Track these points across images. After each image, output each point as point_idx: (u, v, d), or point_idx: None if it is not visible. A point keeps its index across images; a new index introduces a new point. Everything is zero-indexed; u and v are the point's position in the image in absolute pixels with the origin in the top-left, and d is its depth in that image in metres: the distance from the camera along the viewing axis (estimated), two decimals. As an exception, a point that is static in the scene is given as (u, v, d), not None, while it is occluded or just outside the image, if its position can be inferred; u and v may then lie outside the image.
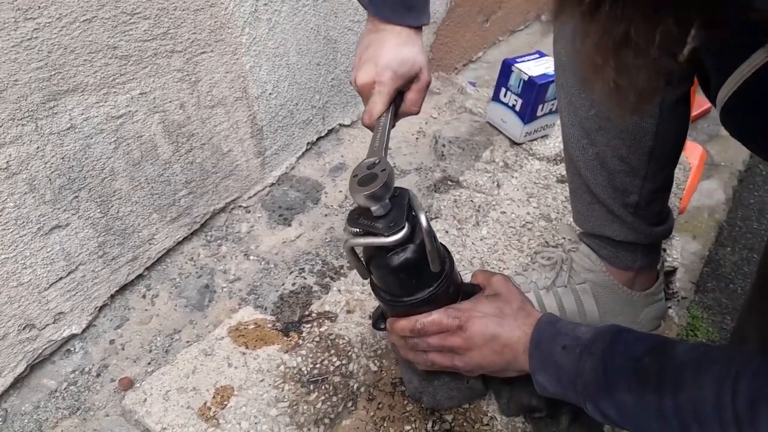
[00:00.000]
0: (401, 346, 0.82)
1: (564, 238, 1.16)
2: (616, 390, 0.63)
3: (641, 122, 0.82)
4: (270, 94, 1.25)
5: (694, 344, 0.62)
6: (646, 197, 0.90)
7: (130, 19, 0.91)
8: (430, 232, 0.70)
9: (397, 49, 0.80)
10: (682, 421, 0.58)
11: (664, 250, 1.29)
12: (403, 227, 0.69)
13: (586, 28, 0.43)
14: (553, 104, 1.36)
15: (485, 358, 0.75)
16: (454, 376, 0.87)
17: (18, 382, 0.98)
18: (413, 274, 0.73)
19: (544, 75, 1.30)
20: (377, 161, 0.72)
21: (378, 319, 0.86)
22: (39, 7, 0.79)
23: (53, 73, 0.85)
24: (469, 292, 0.81)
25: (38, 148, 0.87)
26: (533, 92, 1.30)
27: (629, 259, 0.96)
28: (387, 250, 0.71)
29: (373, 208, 0.69)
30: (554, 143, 1.42)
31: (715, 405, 0.55)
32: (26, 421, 0.94)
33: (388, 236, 0.69)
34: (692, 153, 2.05)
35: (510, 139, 1.43)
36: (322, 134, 1.47)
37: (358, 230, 0.71)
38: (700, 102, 2.30)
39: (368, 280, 0.79)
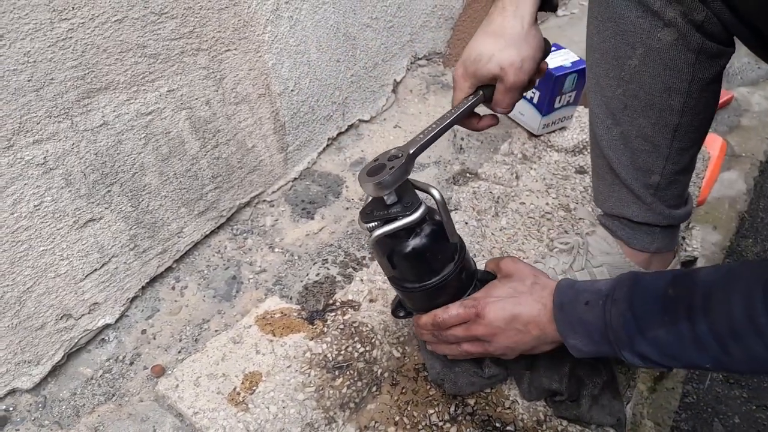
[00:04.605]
0: (434, 342, 0.85)
1: (582, 221, 1.17)
2: (648, 328, 0.63)
3: (669, 99, 0.82)
4: (292, 90, 1.28)
5: (716, 266, 0.62)
6: (668, 178, 0.90)
7: (158, 18, 0.95)
8: (444, 203, 0.73)
9: (480, 40, 0.80)
10: (720, 341, 0.57)
11: (683, 238, 1.30)
12: (421, 204, 0.72)
13: None
14: (570, 96, 1.37)
15: (511, 339, 0.77)
16: (474, 363, 0.90)
17: (56, 370, 1.02)
18: (431, 256, 0.76)
19: (561, 67, 1.32)
20: (399, 154, 0.73)
21: (397, 307, 0.89)
22: (73, 8, 0.83)
23: (87, 71, 0.88)
24: (484, 279, 0.83)
25: (73, 144, 0.91)
26: (551, 84, 1.32)
27: (646, 240, 0.97)
28: (407, 234, 0.74)
29: (384, 196, 0.72)
30: (573, 135, 1.44)
31: (748, 315, 0.55)
32: (64, 407, 0.98)
33: (409, 215, 0.71)
34: (712, 144, 2.04)
35: (528, 132, 1.45)
36: (342, 130, 1.50)
37: (376, 223, 0.73)
38: (721, 93, 2.30)
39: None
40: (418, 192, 0.75)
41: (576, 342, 0.71)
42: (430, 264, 0.77)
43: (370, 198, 0.76)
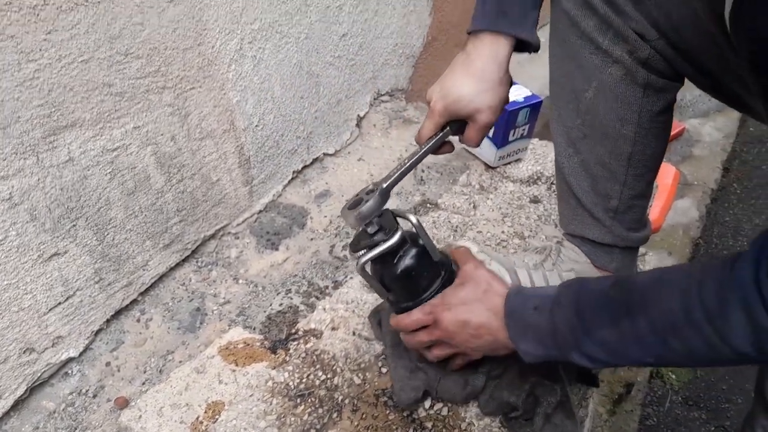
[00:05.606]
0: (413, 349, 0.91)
1: (547, 237, 1.22)
2: (593, 329, 0.67)
3: (622, 129, 0.90)
4: (256, 126, 1.32)
5: (653, 269, 0.67)
6: (626, 203, 0.97)
7: (124, 58, 0.99)
8: (420, 226, 0.81)
9: (462, 81, 0.83)
10: (659, 336, 0.62)
11: (640, 265, 1.35)
12: (398, 229, 0.79)
13: None
14: (524, 129, 1.44)
15: (469, 343, 0.82)
16: (459, 373, 0.94)
17: (18, 405, 1.02)
18: (417, 274, 0.83)
19: (514, 102, 1.38)
20: (375, 188, 0.80)
21: None
22: (40, 49, 0.86)
23: (53, 109, 0.91)
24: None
25: (39, 180, 0.93)
26: (505, 118, 1.38)
27: (606, 258, 1.03)
28: (393, 257, 0.81)
29: (365, 227, 0.79)
30: (527, 166, 1.50)
31: (684, 311, 0.59)
32: (26, 441, 0.98)
33: (388, 240, 0.78)
34: (666, 173, 2.13)
35: (485, 164, 1.51)
36: (307, 163, 1.54)
37: (362, 251, 0.81)
38: (674, 124, 2.40)
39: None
40: (400, 219, 0.83)
41: (527, 347, 0.75)
42: (418, 282, 0.84)
43: (359, 230, 0.83)
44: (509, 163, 1.51)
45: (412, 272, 0.82)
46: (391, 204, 1.44)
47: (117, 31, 0.96)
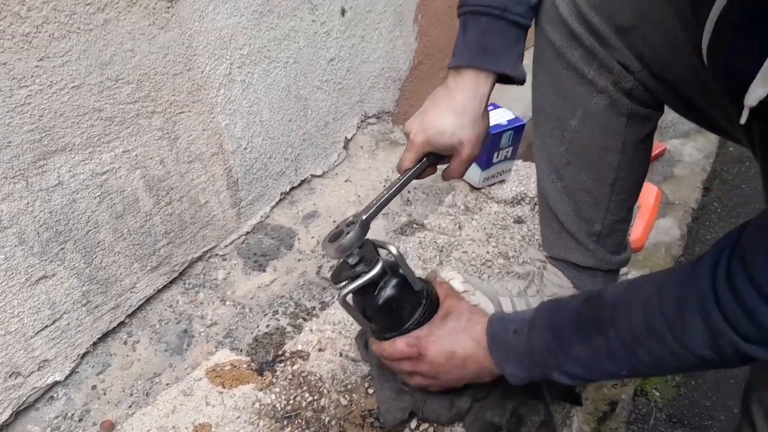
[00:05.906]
0: (395, 372, 0.91)
1: (535, 260, 1.24)
2: (569, 348, 0.69)
3: (606, 156, 0.92)
4: (245, 148, 1.34)
5: (620, 282, 0.69)
6: (608, 227, 0.99)
7: (114, 84, 1.00)
8: (401, 256, 0.82)
9: (444, 115, 0.85)
10: (628, 348, 0.64)
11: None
12: (378, 260, 0.80)
13: None
14: (507, 151, 1.47)
15: (453, 374, 0.83)
16: (445, 394, 0.94)
17: (3, 429, 1.01)
18: (398, 305, 0.84)
19: (498, 125, 1.41)
20: (355, 220, 0.81)
21: None
22: (32, 75, 0.88)
23: (43, 134, 0.92)
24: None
25: (28, 203, 0.94)
26: (489, 141, 1.41)
27: (590, 282, 1.05)
28: (374, 288, 0.82)
29: (346, 258, 0.80)
30: (511, 187, 1.53)
31: (645, 321, 0.61)
32: (10, 466, 0.98)
33: (369, 272, 0.79)
34: (648, 193, 2.17)
35: (470, 185, 1.53)
36: (295, 184, 1.56)
37: (344, 283, 0.81)
38: (655, 145, 2.45)
39: (356, 326, 0.88)
40: (380, 249, 0.84)
41: (511, 370, 0.77)
42: (399, 311, 0.85)
43: (340, 262, 0.84)
44: (494, 185, 1.54)
45: (393, 302, 0.83)
46: (379, 225, 1.46)
47: (108, 58, 0.97)
